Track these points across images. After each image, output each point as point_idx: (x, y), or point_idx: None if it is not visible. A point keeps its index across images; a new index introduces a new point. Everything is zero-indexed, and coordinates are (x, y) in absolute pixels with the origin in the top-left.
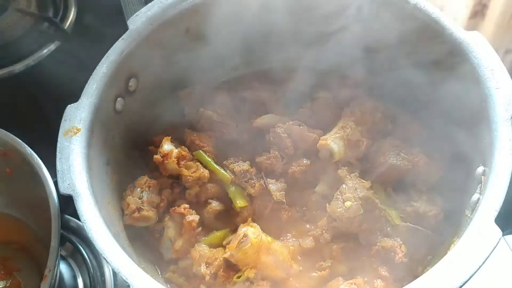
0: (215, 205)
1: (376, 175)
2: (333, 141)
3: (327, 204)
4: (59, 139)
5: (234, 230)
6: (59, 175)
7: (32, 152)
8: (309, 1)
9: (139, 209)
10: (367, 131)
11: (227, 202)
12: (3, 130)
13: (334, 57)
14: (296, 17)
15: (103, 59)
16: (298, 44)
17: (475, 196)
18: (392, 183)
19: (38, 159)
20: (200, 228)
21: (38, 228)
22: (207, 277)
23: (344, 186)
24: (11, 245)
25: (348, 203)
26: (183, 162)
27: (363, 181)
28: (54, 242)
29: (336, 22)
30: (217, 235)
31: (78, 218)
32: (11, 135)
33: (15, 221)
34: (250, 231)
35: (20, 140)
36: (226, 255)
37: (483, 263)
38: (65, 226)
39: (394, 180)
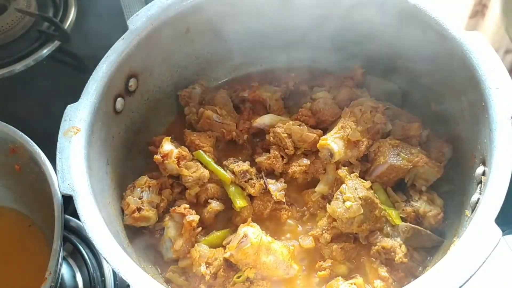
0: (215, 205)
1: (376, 175)
2: (333, 141)
3: (327, 204)
4: (59, 139)
5: (234, 230)
6: (59, 175)
7: (40, 151)
8: (309, 2)
9: (139, 209)
10: (367, 131)
11: (227, 202)
12: (13, 127)
13: (334, 57)
14: (295, 17)
15: (103, 59)
16: (297, 44)
17: (475, 196)
18: (392, 183)
19: (45, 158)
20: (200, 228)
21: (44, 226)
22: (207, 277)
23: (344, 186)
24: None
25: (348, 203)
26: (183, 162)
27: (363, 181)
28: (56, 244)
29: (336, 22)
30: (217, 235)
31: (78, 218)
32: (20, 133)
33: (22, 217)
34: (250, 231)
35: (28, 138)
36: (226, 255)
37: (483, 263)
38: (65, 226)
39: (394, 180)
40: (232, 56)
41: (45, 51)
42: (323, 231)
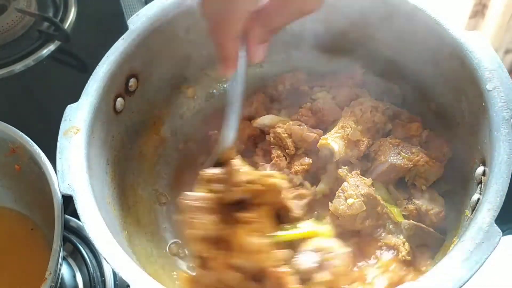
0: None
1: (376, 174)
2: (333, 141)
3: (329, 203)
4: (59, 139)
5: None
6: (59, 175)
7: (40, 151)
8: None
9: None
10: (367, 130)
11: None
12: (13, 127)
13: (334, 57)
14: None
15: (103, 59)
16: (298, 45)
17: (475, 196)
18: (393, 182)
19: (45, 158)
20: None
21: (44, 226)
22: None
23: (345, 184)
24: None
25: (350, 201)
26: None
27: (364, 178)
28: (56, 244)
29: (335, 23)
30: None
31: (78, 218)
32: (20, 133)
33: (21, 217)
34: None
35: (29, 138)
36: None
37: (483, 263)
38: (65, 226)
39: (395, 179)
40: None
41: (45, 51)
42: None
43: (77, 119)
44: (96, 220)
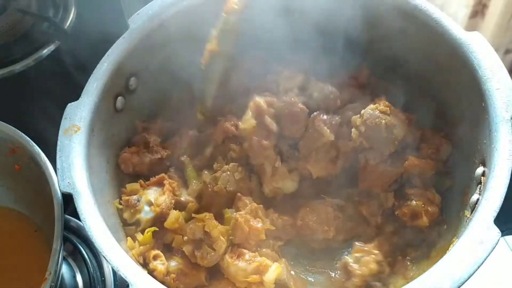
0: None
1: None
2: None
3: None
4: (59, 138)
5: None
6: (59, 173)
7: (40, 151)
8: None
9: None
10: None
11: None
12: (13, 127)
13: (335, 58)
14: (298, 18)
15: (103, 58)
16: (300, 45)
17: (475, 197)
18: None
19: (45, 158)
20: None
21: (44, 226)
22: None
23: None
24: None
25: None
26: None
27: None
28: (56, 244)
29: (336, 24)
30: None
31: (78, 218)
32: (20, 133)
33: (21, 216)
34: None
35: (28, 138)
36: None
37: (482, 263)
38: (65, 226)
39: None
40: (234, 56)
41: (45, 51)
42: None
43: (78, 118)
44: (96, 219)
